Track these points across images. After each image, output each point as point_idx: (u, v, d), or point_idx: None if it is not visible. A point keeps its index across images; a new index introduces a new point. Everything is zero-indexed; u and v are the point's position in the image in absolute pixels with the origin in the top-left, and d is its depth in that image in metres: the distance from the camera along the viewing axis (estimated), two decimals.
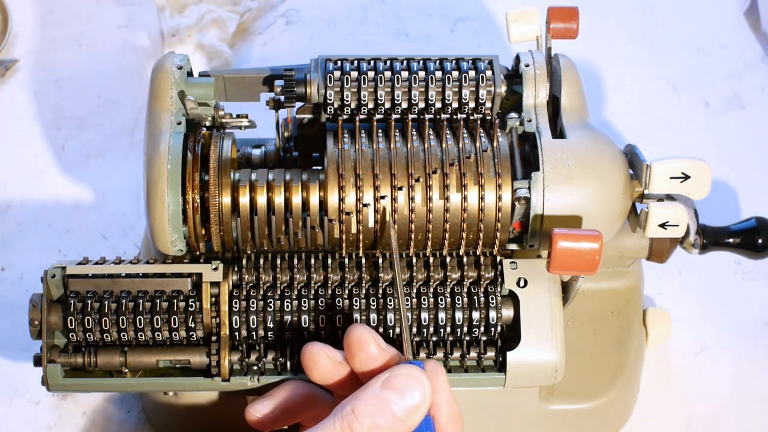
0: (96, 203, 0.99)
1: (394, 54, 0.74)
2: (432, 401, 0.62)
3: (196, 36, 1.07)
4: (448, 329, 0.70)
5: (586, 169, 0.69)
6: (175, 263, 0.71)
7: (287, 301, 0.70)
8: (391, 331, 0.69)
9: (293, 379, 0.69)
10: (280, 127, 0.75)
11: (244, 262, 0.71)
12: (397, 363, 0.63)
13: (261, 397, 0.68)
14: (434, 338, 0.71)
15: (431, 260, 0.71)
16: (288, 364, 0.70)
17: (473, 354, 0.71)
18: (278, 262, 0.71)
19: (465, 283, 0.71)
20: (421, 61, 0.73)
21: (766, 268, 0.94)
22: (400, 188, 0.69)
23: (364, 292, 0.70)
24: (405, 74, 0.72)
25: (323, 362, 0.64)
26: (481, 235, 0.70)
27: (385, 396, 0.60)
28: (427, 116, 0.72)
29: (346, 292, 0.70)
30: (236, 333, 0.70)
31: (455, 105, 0.72)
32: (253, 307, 0.70)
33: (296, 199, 0.70)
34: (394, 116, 0.72)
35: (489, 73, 0.72)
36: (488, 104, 0.72)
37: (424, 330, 0.70)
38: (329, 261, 0.71)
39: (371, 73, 0.72)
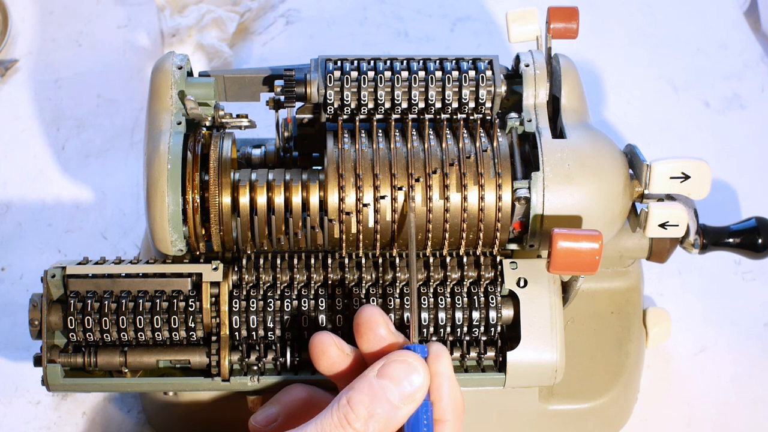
0: (96, 203, 0.99)
1: (394, 54, 0.74)
2: (432, 385, 0.61)
3: (196, 36, 1.07)
4: (448, 329, 0.70)
5: (586, 169, 0.69)
6: (175, 263, 0.71)
7: (287, 301, 0.70)
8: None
9: (293, 384, 0.69)
10: (280, 127, 0.75)
11: (244, 262, 0.71)
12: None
13: (262, 407, 0.68)
14: (434, 338, 0.71)
15: (431, 260, 0.71)
16: (288, 364, 0.70)
17: (473, 354, 0.71)
18: (278, 262, 0.71)
19: (465, 283, 0.71)
20: (421, 61, 0.73)
21: (766, 268, 0.94)
22: (400, 188, 0.69)
23: (364, 292, 0.70)
24: (405, 74, 0.72)
25: (331, 351, 0.64)
26: (481, 235, 0.70)
27: (381, 384, 0.60)
28: (427, 116, 0.72)
29: (346, 292, 0.70)
30: (236, 333, 0.70)
31: (455, 105, 0.72)
32: (253, 307, 0.70)
33: (296, 199, 0.70)
34: (394, 116, 0.72)
35: (489, 73, 0.72)
36: (488, 104, 0.72)
37: (425, 330, 0.70)
38: (329, 261, 0.71)
39: (371, 73, 0.72)
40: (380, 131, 0.71)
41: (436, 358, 0.62)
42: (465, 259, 0.71)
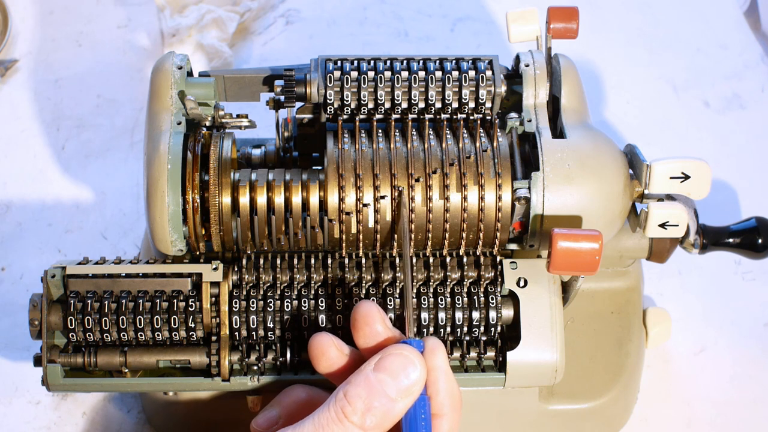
0: (96, 203, 0.99)
1: (394, 54, 0.74)
2: (429, 379, 0.61)
3: (196, 36, 1.08)
4: (448, 329, 0.70)
5: (586, 169, 0.69)
6: (175, 263, 0.71)
7: (287, 301, 0.70)
8: None
9: (293, 386, 0.69)
10: (280, 127, 0.75)
11: (244, 262, 0.71)
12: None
13: (263, 409, 0.68)
14: None
15: (431, 260, 0.71)
16: (288, 364, 0.70)
17: (473, 354, 0.71)
18: (278, 262, 0.71)
19: (465, 283, 0.71)
20: (421, 61, 0.73)
21: (766, 268, 0.94)
22: (400, 188, 0.68)
23: (364, 292, 0.70)
24: (405, 74, 0.72)
25: (330, 352, 0.64)
26: (481, 235, 0.70)
27: (378, 378, 0.60)
28: (427, 116, 0.72)
29: (346, 291, 0.70)
30: (236, 333, 0.70)
31: (455, 105, 0.72)
32: (253, 307, 0.70)
33: (296, 199, 0.70)
34: (394, 116, 0.72)
35: (489, 73, 0.72)
36: (488, 104, 0.72)
37: (425, 330, 0.70)
38: (329, 261, 0.71)
39: (371, 73, 0.72)
40: (380, 131, 0.71)
41: (432, 353, 0.62)
42: (465, 259, 0.71)
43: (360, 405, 0.59)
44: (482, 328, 0.70)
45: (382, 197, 0.68)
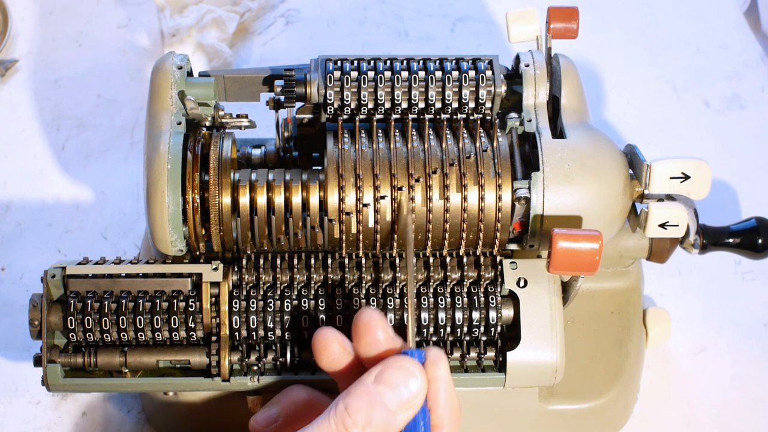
0: (96, 203, 0.99)
1: (394, 54, 0.74)
2: (430, 391, 0.61)
3: (196, 36, 1.08)
4: (448, 329, 0.70)
5: (586, 169, 0.69)
6: (175, 263, 0.71)
7: (287, 301, 0.70)
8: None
9: (294, 385, 0.69)
10: (280, 127, 0.75)
11: (244, 262, 0.71)
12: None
13: (263, 407, 0.68)
14: (434, 338, 0.71)
15: (431, 260, 0.71)
16: (288, 364, 0.70)
17: (473, 354, 0.71)
18: (278, 262, 0.71)
19: (465, 283, 0.71)
20: (421, 61, 0.73)
21: (766, 268, 0.94)
22: (400, 188, 0.69)
23: (364, 292, 0.70)
24: (405, 74, 0.72)
25: (334, 348, 0.63)
26: (481, 235, 0.70)
27: (378, 390, 0.60)
28: (427, 116, 0.72)
29: (346, 292, 0.70)
30: (236, 333, 0.70)
31: (455, 105, 0.72)
32: (253, 307, 0.70)
33: (296, 199, 0.70)
34: (394, 116, 0.72)
35: (489, 73, 0.72)
36: (488, 104, 0.72)
37: (424, 330, 0.70)
38: (329, 261, 0.71)
39: (371, 73, 0.72)
40: (380, 131, 0.71)
41: (433, 364, 0.61)
42: (465, 260, 0.71)
43: (360, 418, 0.59)
44: (482, 328, 0.70)
45: (382, 197, 0.68)
